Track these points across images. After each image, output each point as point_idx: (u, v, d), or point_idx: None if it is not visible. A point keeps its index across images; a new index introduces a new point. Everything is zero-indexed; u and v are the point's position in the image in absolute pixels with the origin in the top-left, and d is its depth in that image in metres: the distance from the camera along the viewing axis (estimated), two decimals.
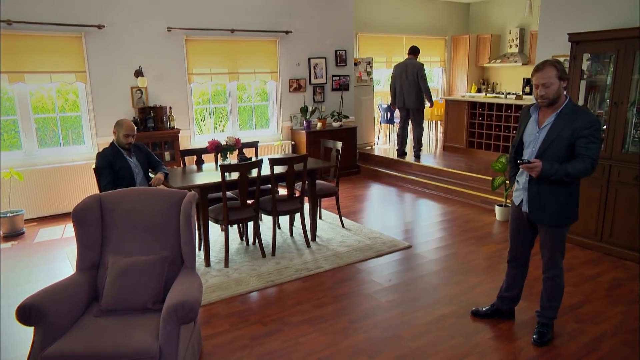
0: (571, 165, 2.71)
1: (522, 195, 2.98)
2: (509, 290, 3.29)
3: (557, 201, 2.84)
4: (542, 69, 2.69)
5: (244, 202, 4.40)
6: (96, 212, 2.92)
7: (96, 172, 4.26)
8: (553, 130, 2.77)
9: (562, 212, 2.87)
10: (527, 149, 2.93)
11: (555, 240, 2.95)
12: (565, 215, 2.89)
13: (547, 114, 2.83)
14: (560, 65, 2.71)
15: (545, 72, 2.68)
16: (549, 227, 2.93)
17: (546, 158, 2.77)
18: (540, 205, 2.89)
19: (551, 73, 2.67)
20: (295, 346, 3.10)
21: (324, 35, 7.91)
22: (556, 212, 2.86)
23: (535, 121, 2.89)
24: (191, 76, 6.81)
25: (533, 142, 2.88)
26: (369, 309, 3.56)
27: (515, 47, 9.97)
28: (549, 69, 2.68)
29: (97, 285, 2.86)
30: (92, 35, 5.96)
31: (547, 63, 2.71)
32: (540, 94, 2.73)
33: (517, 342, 3.09)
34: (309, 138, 7.54)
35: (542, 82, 2.70)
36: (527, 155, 2.91)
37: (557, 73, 2.68)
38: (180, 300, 2.43)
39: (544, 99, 2.73)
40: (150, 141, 6.20)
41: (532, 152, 2.87)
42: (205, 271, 4.26)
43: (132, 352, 2.33)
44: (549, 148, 2.78)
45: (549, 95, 2.71)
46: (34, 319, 2.39)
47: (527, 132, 2.94)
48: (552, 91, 2.69)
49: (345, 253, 4.63)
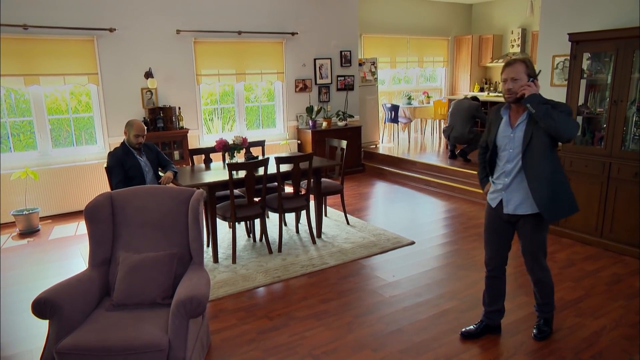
0: (558, 112, 2.61)
1: (501, 197, 2.89)
2: (494, 303, 3.14)
3: (546, 193, 2.74)
4: (512, 64, 2.70)
5: (251, 199, 4.46)
6: (108, 209, 2.98)
7: (107, 171, 4.33)
8: (529, 125, 2.72)
9: (553, 204, 2.76)
10: (504, 152, 2.85)
11: (538, 242, 2.90)
12: (557, 209, 2.78)
13: (518, 113, 2.79)
14: (530, 64, 2.72)
15: (515, 67, 2.69)
16: (532, 227, 2.85)
17: (531, 154, 2.72)
18: (522, 201, 2.81)
19: (520, 68, 2.68)
20: (301, 340, 3.15)
21: (329, 36, 7.98)
22: (552, 207, 2.76)
23: (507, 122, 2.84)
24: (199, 77, 6.91)
25: (509, 144, 2.81)
26: (373, 304, 3.61)
27: (517, 47, 9.99)
28: (519, 64, 2.69)
29: (108, 280, 2.91)
30: (103, 39, 6.08)
31: (518, 59, 2.72)
32: (507, 87, 2.71)
33: (518, 336, 3.13)
34: (315, 137, 7.61)
35: (511, 76, 2.69)
36: (505, 157, 2.83)
37: (526, 70, 2.68)
38: (189, 296, 2.48)
39: (510, 93, 2.71)
40: (160, 141, 6.30)
41: (510, 154, 2.80)
42: (213, 267, 4.33)
43: (142, 345, 2.38)
44: (531, 143, 2.71)
45: (515, 90, 2.68)
46: (49, 313, 2.45)
47: (500, 135, 2.86)
48: (518, 86, 2.67)
49: (350, 249, 4.69)
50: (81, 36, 5.96)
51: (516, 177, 2.81)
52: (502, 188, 2.89)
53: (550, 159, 2.73)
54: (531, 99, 2.64)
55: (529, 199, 2.79)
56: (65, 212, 6.09)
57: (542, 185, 2.74)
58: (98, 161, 6.21)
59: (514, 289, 3.81)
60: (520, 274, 4.10)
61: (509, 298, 3.62)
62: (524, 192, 2.80)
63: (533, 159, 2.73)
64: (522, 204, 2.82)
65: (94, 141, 6.40)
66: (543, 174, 2.73)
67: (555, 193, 2.76)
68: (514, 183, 2.83)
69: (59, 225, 5.73)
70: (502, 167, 2.88)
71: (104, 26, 6.03)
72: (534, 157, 2.72)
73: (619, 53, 4.29)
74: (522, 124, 2.76)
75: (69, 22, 5.81)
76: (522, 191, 2.81)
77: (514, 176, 2.81)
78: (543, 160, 2.72)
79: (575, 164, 4.69)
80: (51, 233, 5.48)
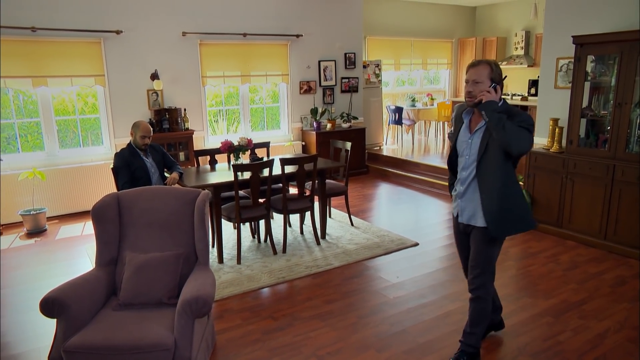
0: (512, 124, 2.43)
1: (458, 205, 2.75)
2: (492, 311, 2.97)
3: (495, 207, 2.55)
4: (477, 65, 2.52)
5: (256, 200, 4.48)
6: (114, 210, 3.00)
7: (114, 171, 4.37)
8: (486, 133, 2.54)
9: (501, 219, 2.56)
10: (461, 158, 2.69)
11: (484, 257, 2.68)
12: (505, 225, 2.58)
13: (479, 119, 2.60)
14: (496, 67, 2.53)
15: (479, 69, 2.51)
16: (480, 240, 2.67)
17: (485, 164, 2.55)
18: (474, 212, 2.64)
19: (484, 71, 2.50)
20: (306, 340, 3.16)
21: (333, 38, 8.00)
22: (501, 222, 2.57)
23: (467, 127, 2.67)
24: (205, 79, 6.94)
25: (467, 150, 2.65)
26: (377, 305, 3.62)
27: (520, 49, 9.99)
28: (483, 66, 2.51)
29: (115, 280, 2.93)
30: (110, 41, 6.13)
31: (484, 61, 2.54)
32: (468, 89, 2.54)
33: (522, 338, 3.13)
34: (319, 139, 7.63)
35: (473, 79, 2.51)
36: (462, 163, 2.69)
37: (490, 73, 2.50)
38: (194, 296, 2.49)
39: (470, 96, 2.53)
40: (166, 142, 6.33)
41: (467, 160, 2.64)
42: (218, 267, 4.35)
43: (148, 345, 2.40)
44: (486, 152, 2.54)
45: (475, 94, 2.51)
46: (57, 312, 2.47)
47: (459, 140, 2.71)
48: (479, 90, 2.50)
49: (354, 251, 4.71)
50: (88, 38, 6.01)
51: (470, 186, 2.65)
52: (458, 196, 2.74)
53: (503, 170, 2.53)
54: (487, 106, 2.45)
55: (482, 211, 2.62)
56: (71, 212, 6.13)
57: (492, 198, 2.55)
58: (104, 162, 6.25)
59: (517, 291, 3.82)
60: (522, 275, 4.12)
61: (512, 300, 3.65)
62: (477, 202, 2.63)
63: (486, 169, 2.55)
64: (475, 216, 2.66)
65: (100, 142, 6.45)
66: (494, 186, 2.54)
67: (505, 208, 2.55)
68: (469, 192, 2.66)
69: (65, 225, 5.78)
70: (459, 173, 2.74)
71: (111, 28, 6.08)
72: (487, 167, 2.55)
73: (623, 56, 4.29)
74: (480, 131, 2.59)
75: (76, 24, 5.86)
76: (475, 202, 2.64)
77: (468, 185, 2.65)
78: (495, 172, 2.53)
79: (579, 166, 4.69)
80: (58, 233, 5.52)
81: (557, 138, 4.97)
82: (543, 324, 3.31)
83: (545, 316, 3.41)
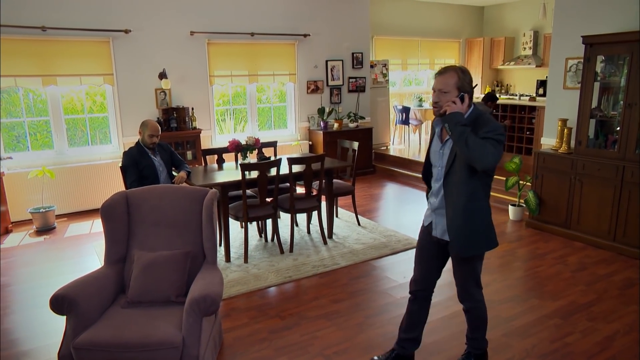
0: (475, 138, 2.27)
1: (431, 218, 2.60)
2: (410, 330, 2.78)
3: (460, 223, 2.43)
4: (444, 73, 2.35)
5: (263, 200, 4.49)
6: (123, 208, 3.02)
7: (122, 170, 4.39)
8: (454, 144, 2.36)
9: (465, 237, 2.45)
10: (434, 168, 2.56)
11: (467, 271, 2.59)
12: (469, 243, 2.46)
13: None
14: (464, 75, 2.35)
15: (446, 77, 2.34)
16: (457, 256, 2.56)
17: (452, 177, 2.42)
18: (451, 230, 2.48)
19: (451, 80, 2.33)
20: (312, 340, 3.16)
21: (341, 38, 8.00)
22: (464, 240, 2.46)
23: (439, 136, 2.52)
24: (212, 78, 6.96)
25: (438, 160, 2.51)
26: (384, 305, 3.61)
27: (529, 49, 9.93)
28: (450, 75, 2.33)
29: (123, 278, 2.94)
30: (119, 40, 6.16)
31: (451, 69, 2.36)
32: (434, 100, 2.39)
33: (529, 339, 3.11)
34: (326, 138, 7.63)
35: (439, 88, 2.36)
36: (435, 175, 2.55)
37: (457, 82, 2.33)
38: (203, 294, 2.50)
39: (436, 106, 2.40)
40: (173, 141, 6.35)
41: (439, 172, 2.50)
42: (225, 266, 4.36)
43: (156, 342, 2.41)
44: (453, 165, 2.40)
45: (441, 104, 2.36)
46: (66, 309, 2.49)
47: (432, 150, 2.57)
48: (445, 100, 2.34)
49: (361, 250, 4.70)
50: (97, 37, 6.04)
51: (441, 200, 2.50)
52: (432, 209, 2.59)
53: (469, 185, 2.38)
54: (449, 119, 2.29)
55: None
56: (80, 210, 6.17)
57: (457, 214, 2.42)
58: (112, 160, 6.28)
59: (524, 292, 3.80)
60: (530, 277, 4.09)
61: (519, 301, 3.64)
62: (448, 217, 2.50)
63: (453, 182, 2.42)
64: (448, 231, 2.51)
65: (109, 141, 6.48)
66: (459, 201, 2.41)
67: (470, 225, 2.42)
68: (441, 205, 2.51)
69: (74, 223, 5.82)
70: (433, 184, 2.59)
71: (120, 28, 6.11)
72: (454, 180, 2.41)
73: (633, 56, 4.25)
74: (450, 141, 2.44)
75: (85, 24, 5.89)
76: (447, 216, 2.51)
77: (441, 197, 2.50)
78: (461, 186, 2.39)
79: (588, 167, 4.66)
80: (67, 231, 5.56)
81: (566, 139, 4.94)
82: (551, 325, 3.29)
83: (553, 318, 3.39)
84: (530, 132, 7.55)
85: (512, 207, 5.63)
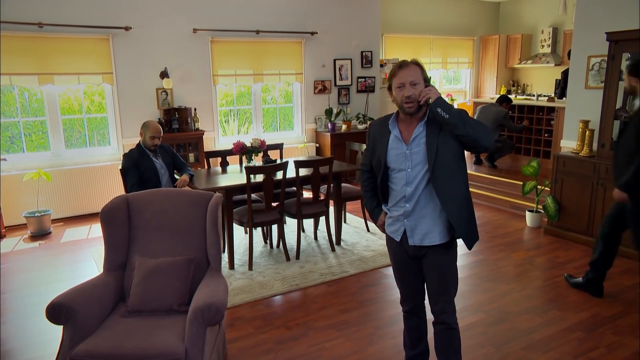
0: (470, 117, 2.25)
1: (403, 226, 2.44)
2: (415, 346, 2.72)
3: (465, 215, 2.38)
4: (407, 66, 2.29)
5: (269, 204, 4.39)
6: (124, 212, 2.95)
7: (123, 172, 4.29)
8: (431, 136, 2.29)
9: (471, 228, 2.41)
10: (399, 173, 2.39)
11: (451, 275, 2.48)
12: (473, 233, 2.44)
13: (411, 126, 2.36)
14: (423, 67, 2.35)
15: (412, 69, 2.28)
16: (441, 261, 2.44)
17: (440, 171, 2.30)
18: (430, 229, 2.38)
19: (417, 72, 2.28)
20: (321, 351, 3.07)
21: (349, 36, 7.87)
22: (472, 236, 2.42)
23: (399, 138, 2.38)
24: (216, 77, 6.84)
25: (405, 162, 2.36)
26: (395, 315, 3.49)
27: (547, 47, 9.72)
28: (413, 67, 2.29)
29: (123, 285, 2.88)
30: (119, 37, 6.03)
31: (410, 61, 2.32)
32: (407, 94, 2.26)
33: (551, 354, 2.98)
34: (334, 140, 7.50)
35: (410, 80, 2.26)
36: (403, 180, 2.38)
37: (421, 72, 2.30)
38: (207, 303, 2.43)
39: (411, 100, 2.27)
40: (175, 142, 6.24)
41: (409, 174, 2.35)
42: (229, 274, 4.25)
43: (158, 353, 2.34)
44: (438, 157, 2.28)
45: (416, 96, 2.26)
46: (64, 318, 2.43)
47: (392, 154, 2.40)
48: (419, 91, 2.27)
49: (370, 257, 4.58)
50: (96, 34, 5.92)
51: (419, 201, 2.36)
52: (404, 215, 2.43)
53: (462, 172, 2.35)
54: (440, 103, 2.22)
55: (438, 226, 2.37)
56: (77, 214, 6.05)
57: (459, 206, 2.34)
58: (111, 163, 6.16)
59: (544, 303, 3.67)
60: (550, 287, 3.95)
61: (539, 312, 3.53)
62: (430, 218, 2.37)
63: (444, 176, 2.30)
64: (430, 233, 2.38)
65: (107, 142, 6.36)
66: (458, 192, 2.33)
67: (471, 214, 2.40)
68: (418, 208, 2.37)
69: (70, 228, 5.70)
70: (399, 190, 2.41)
71: (120, 24, 5.99)
72: (444, 173, 2.29)
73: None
74: (420, 137, 2.32)
75: (84, 20, 5.77)
76: (429, 217, 2.37)
77: (416, 200, 2.36)
78: (456, 176, 2.32)
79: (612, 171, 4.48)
80: (63, 236, 5.44)
81: (588, 141, 4.79)
82: (573, 339, 3.16)
83: (576, 331, 3.26)
84: (548, 134, 7.38)
85: (530, 213, 5.49)
